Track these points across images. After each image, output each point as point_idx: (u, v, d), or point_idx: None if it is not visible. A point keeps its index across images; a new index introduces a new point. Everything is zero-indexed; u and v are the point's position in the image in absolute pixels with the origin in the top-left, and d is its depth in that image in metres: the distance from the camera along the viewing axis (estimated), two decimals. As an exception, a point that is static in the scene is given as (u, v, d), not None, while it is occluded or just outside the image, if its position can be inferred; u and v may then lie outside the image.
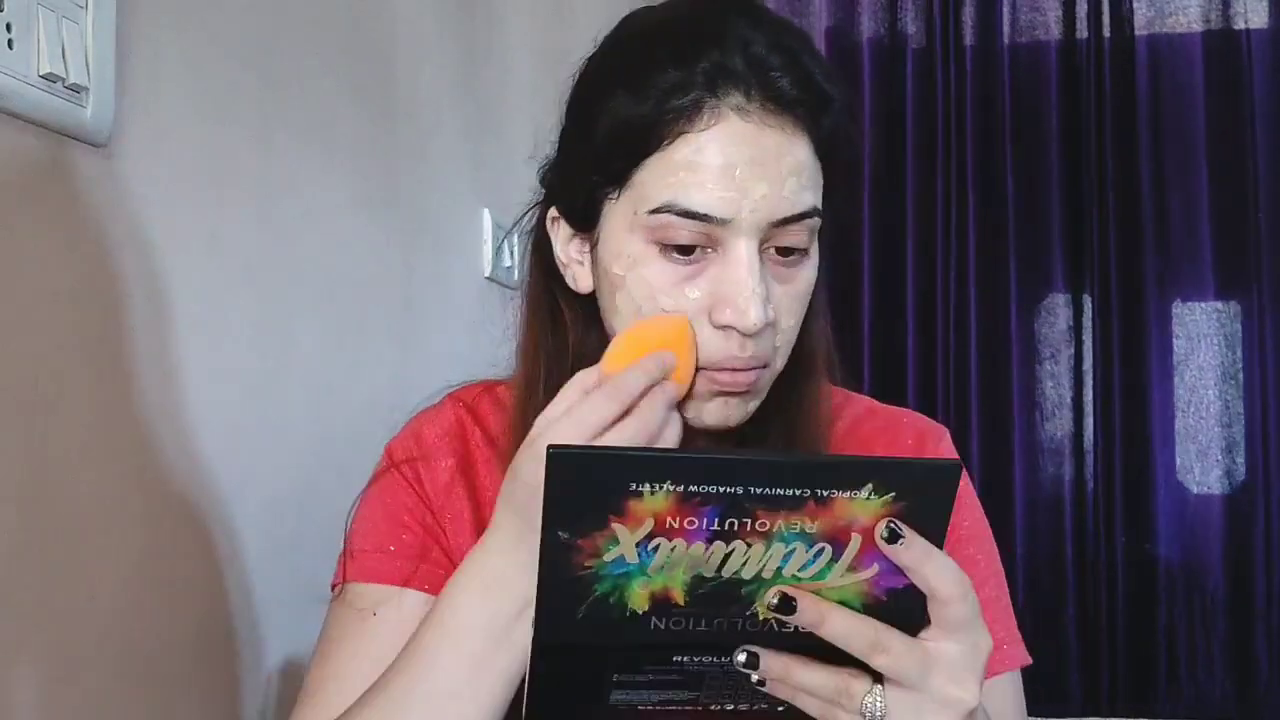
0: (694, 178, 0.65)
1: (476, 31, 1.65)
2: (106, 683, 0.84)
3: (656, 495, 0.49)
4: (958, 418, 2.63)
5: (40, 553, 0.77)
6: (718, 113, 0.65)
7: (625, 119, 0.67)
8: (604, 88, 0.70)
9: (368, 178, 1.30)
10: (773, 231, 0.67)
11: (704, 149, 0.65)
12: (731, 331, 0.67)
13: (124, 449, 0.86)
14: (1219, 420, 2.58)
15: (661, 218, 0.66)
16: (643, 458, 0.51)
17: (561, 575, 0.51)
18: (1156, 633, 2.54)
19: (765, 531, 0.50)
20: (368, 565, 0.76)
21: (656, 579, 0.52)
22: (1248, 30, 2.58)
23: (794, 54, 0.67)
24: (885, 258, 2.72)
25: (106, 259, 0.84)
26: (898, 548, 0.51)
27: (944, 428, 0.84)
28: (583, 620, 0.52)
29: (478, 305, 1.62)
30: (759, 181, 0.65)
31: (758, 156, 0.65)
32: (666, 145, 0.66)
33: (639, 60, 0.68)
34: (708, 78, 0.65)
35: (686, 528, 0.50)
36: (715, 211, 0.65)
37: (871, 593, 0.53)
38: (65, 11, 0.78)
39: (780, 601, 0.52)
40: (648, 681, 0.57)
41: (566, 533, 0.50)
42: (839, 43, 2.77)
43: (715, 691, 0.57)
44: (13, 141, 0.75)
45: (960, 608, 0.53)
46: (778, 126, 0.66)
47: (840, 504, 0.50)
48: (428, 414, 0.83)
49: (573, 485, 0.50)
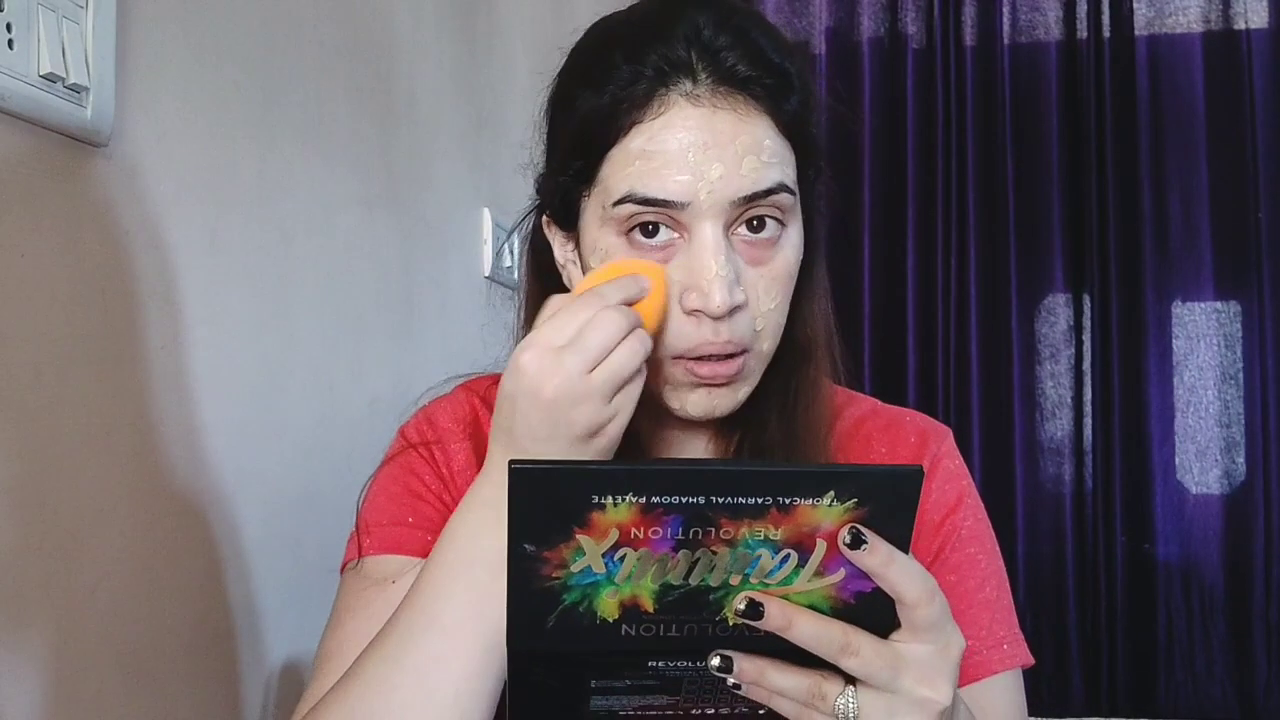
0: (649, 165, 0.67)
1: (476, 31, 1.65)
2: (106, 682, 0.83)
3: (619, 507, 0.50)
4: (958, 418, 2.63)
5: (40, 553, 0.77)
6: (666, 99, 0.67)
7: (586, 116, 0.69)
8: (568, 90, 0.72)
9: (368, 178, 1.30)
10: (737, 211, 0.68)
11: (655, 136, 0.67)
12: (702, 316, 0.68)
13: (124, 449, 0.86)
14: (1218, 420, 2.58)
15: (625, 208, 0.68)
16: (603, 471, 0.51)
17: (530, 586, 0.52)
18: (1156, 633, 2.55)
19: (730, 539, 0.51)
20: (387, 537, 0.76)
21: (625, 588, 0.52)
22: (1248, 30, 2.58)
23: (742, 32, 0.69)
24: (885, 257, 2.72)
25: (106, 259, 0.84)
26: (861, 553, 0.51)
27: (947, 428, 0.84)
28: (554, 629, 0.53)
29: (478, 305, 1.62)
30: (714, 163, 0.66)
31: (710, 139, 0.66)
32: (623, 137, 0.68)
33: (597, 60, 0.70)
34: (656, 69, 0.67)
35: (651, 537, 0.51)
36: (673, 196, 0.66)
37: (840, 597, 0.53)
38: (65, 11, 0.78)
39: (748, 607, 0.52)
40: (626, 687, 0.57)
41: (533, 545, 0.51)
42: (839, 43, 2.77)
43: (694, 695, 0.58)
44: (13, 141, 0.75)
45: (927, 610, 0.53)
46: (729, 108, 0.67)
47: (803, 511, 0.51)
48: (440, 401, 0.83)
49: (536, 500, 0.50)
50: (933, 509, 0.79)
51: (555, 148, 0.75)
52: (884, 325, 2.72)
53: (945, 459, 0.81)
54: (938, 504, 0.80)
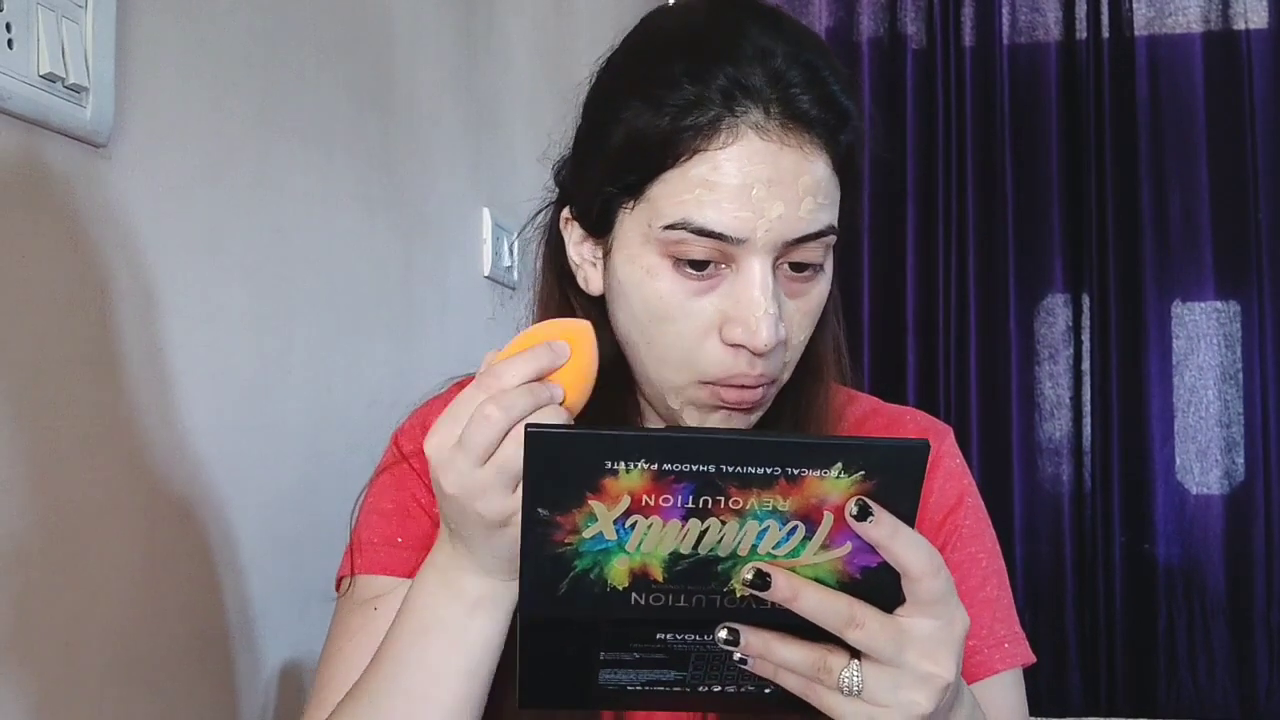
0: (710, 196, 0.64)
1: (476, 30, 1.65)
2: (106, 683, 0.83)
3: (632, 473, 0.51)
4: (958, 418, 2.63)
5: (40, 553, 0.77)
6: (736, 131, 0.64)
7: (641, 131, 0.66)
8: (620, 96, 0.68)
9: (367, 177, 1.30)
10: (787, 250, 0.66)
11: (721, 167, 0.64)
12: (741, 349, 0.67)
13: (123, 449, 0.86)
14: (1218, 420, 2.58)
15: (676, 234, 0.66)
16: (617, 437, 0.52)
17: (543, 551, 0.53)
18: (1156, 633, 2.55)
19: (739, 509, 0.52)
20: (376, 558, 0.76)
21: (635, 555, 0.53)
22: (1248, 30, 2.59)
23: (815, 69, 0.66)
24: (885, 258, 2.72)
25: (106, 259, 0.84)
26: (867, 525, 0.52)
27: (948, 427, 0.85)
28: (565, 596, 0.54)
29: (477, 304, 1.62)
30: (775, 201, 0.64)
31: (775, 176, 0.64)
32: (684, 161, 0.65)
33: (655, 71, 0.67)
34: (725, 94, 0.64)
35: (662, 505, 0.52)
36: (731, 231, 0.65)
37: (846, 570, 0.54)
38: (65, 11, 0.78)
39: (755, 577, 0.53)
40: (635, 661, 0.58)
41: (546, 510, 0.52)
42: (839, 43, 2.77)
43: (702, 673, 0.58)
44: (13, 141, 0.75)
45: (932, 583, 0.54)
46: (796, 145, 0.65)
47: (811, 482, 0.51)
48: (434, 403, 0.82)
49: (550, 464, 0.51)
50: (934, 508, 0.79)
51: (597, 152, 0.70)
52: (883, 325, 2.72)
53: (946, 458, 0.81)
54: (939, 503, 0.79)
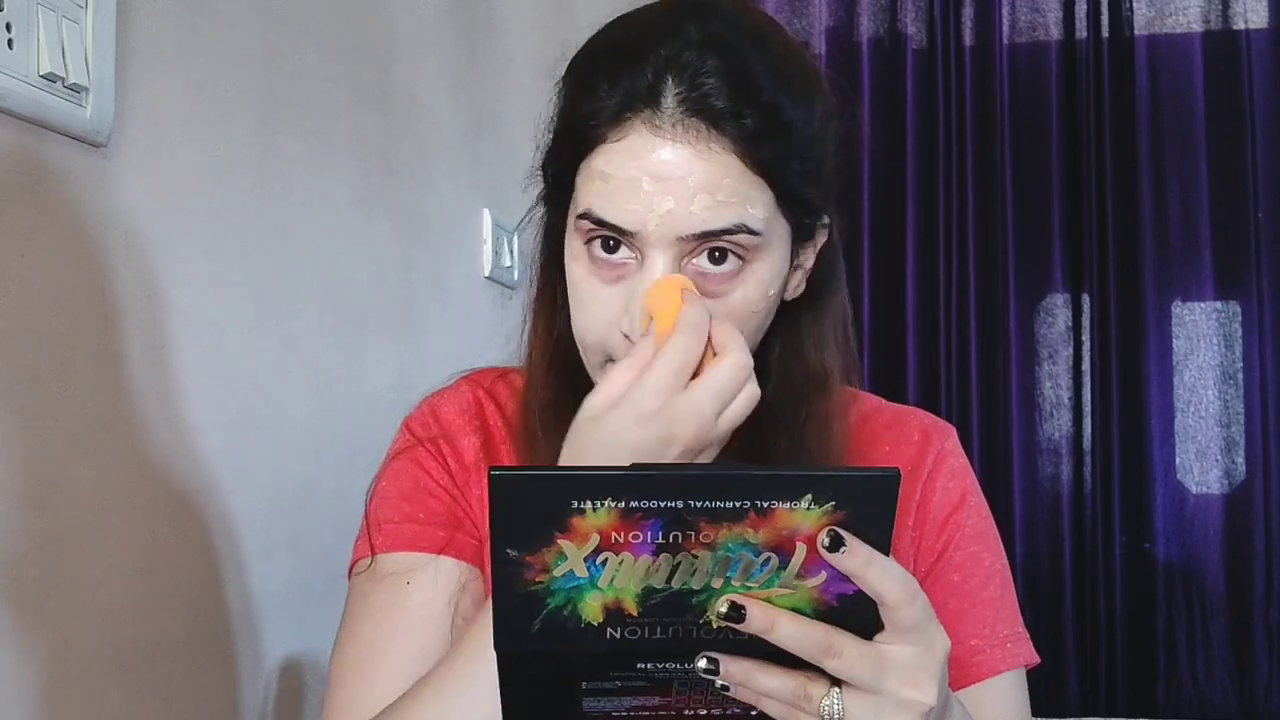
0: (605, 188, 0.66)
1: (476, 31, 1.65)
2: (106, 682, 0.83)
3: (599, 512, 0.50)
4: (958, 417, 2.63)
5: (40, 552, 0.77)
6: (629, 125, 0.65)
7: (566, 125, 0.70)
8: (561, 94, 0.72)
9: (368, 177, 1.29)
10: (691, 244, 0.66)
11: (612, 160, 0.66)
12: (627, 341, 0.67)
13: (123, 448, 0.86)
14: (1218, 420, 2.58)
15: (584, 223, 0.68)
16: (581, 477, 0.52)
17: (515, 590, 0.52)
18: (1156, 633, 2.54)
19: (710, 543, 0.51)
20: (401, 535, 0.75)
21: (608, 591, 0.53)
22: (1248, 30, 2.58)
23: (737, 57, 0.65)
24: (885, 258, 2.72)
25: (106, 258, 0.84)
26: (840, 555, 0.51)
27: (951, 426, 0.84)
28: (539, 633, 0.53)
29: (477, 304, 1.62)
30: (665, 196, 0.65)
31: (664, 171, 0.65)
32: (590, 154, 0.67)
33: (587, 69, 0.70)
34: (626, 91, 0.66)
35: (631, 541, 0.51)
36: (621, 223, 0.66)
37: (822, 599, 0.54)
38: (65, 11, 0.78)
39: (729, 609, 0.52)
40: (617, 688, 0.57)
41: (515, 550, 0.51)
42: (839, 43, 2.77)
43: (685, 695, 0.58)
44: (13, 141, 0.75)
45: (909, 611, 0.53)
46: (688, 142, 0.64)
47: (781, 514, 0.51)
48: (444, 394, 0.82)
49: (517, 506, 0.51)
50: (937, 507, 0.79)
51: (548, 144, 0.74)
52: (883, 325, 2.71)
53: (949, 457, 0.81)
54: (942, 502, 0.79)
